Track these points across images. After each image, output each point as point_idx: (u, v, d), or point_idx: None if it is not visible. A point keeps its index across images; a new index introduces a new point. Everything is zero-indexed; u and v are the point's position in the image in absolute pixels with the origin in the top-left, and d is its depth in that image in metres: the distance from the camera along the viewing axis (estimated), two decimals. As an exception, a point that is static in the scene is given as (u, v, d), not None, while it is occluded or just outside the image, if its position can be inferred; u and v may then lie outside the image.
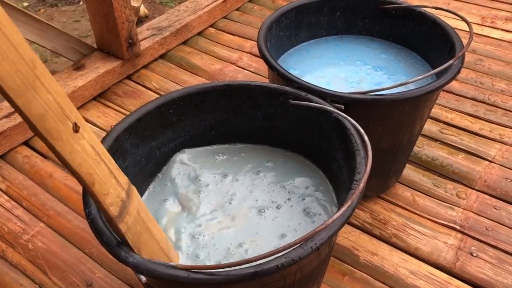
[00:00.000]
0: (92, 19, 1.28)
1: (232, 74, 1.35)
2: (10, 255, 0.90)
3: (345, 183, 0.63)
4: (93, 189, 0.44)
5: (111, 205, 0.46)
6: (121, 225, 0.48)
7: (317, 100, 0.67)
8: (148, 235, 0.52)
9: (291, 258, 0.48)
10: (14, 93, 0.35)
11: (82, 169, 0.42)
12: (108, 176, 0.46)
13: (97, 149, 0.44)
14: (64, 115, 0.39)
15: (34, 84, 0.36)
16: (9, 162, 1.09)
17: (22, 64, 0.35)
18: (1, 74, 0.33)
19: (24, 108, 0.36)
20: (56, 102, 0.38)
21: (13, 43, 0.34)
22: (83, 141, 0.42)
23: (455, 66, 0.77)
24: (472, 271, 0.85)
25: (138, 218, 0.51)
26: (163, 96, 0.69)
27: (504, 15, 1.55)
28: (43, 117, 0.37)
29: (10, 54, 0.34)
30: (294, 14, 0.92)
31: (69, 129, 0.40)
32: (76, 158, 0.41)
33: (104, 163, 0.45)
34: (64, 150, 0.40)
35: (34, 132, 0.38)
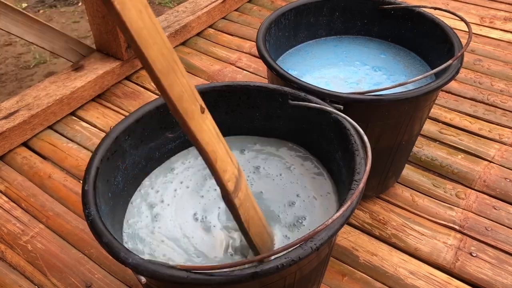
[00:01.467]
0: (91, 20, 1.28)
1: (231, 74, 1.35)
2: (9, 256, 0.89)
3: (345, 183, 0.63)
4: (216, 166, 0.47)
5: (229, 181, 0.49)
6: (235, 200, 0.51)
7: (316, 100, 0.67)
8: (254, 211, 0.56)
9: (291, 258, 0.48)
10: (161, 74, 0.39)
11: (209, 147, 0.46)
12: (225, 154, 0.50)
13: (216, 130, 0.48)
14: (194, 97, 0.44)
15: (174, 67, 0.40)
16: (8, 163, 1.09)
17: (166, 49, 0.39)
18: (152, 57, 0.37)
19: (169, 89, 0.40)
20: (189, 85, 0.43)
21: (159, 31, 0.38)
22: (207, 122, 0.46)
23: (454, 66, 0.77)
24: (471, 271, 0.85)
25: (247, 194, 0.54)
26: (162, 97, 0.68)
27: (503, 15, 1.56)
28: (181, 97, 0.41)
29: (158, 39, 0.38)
30: (293, 15, 0.92)
31: (198, 110, 0.44)
32: (204, 136, 0.45)
33: (222, 143, 0.49)
34: (196, 128, 0.44)
35: (173, 112, 0.42)
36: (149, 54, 0.37)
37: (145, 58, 0.37)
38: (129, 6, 0.35)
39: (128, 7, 0.34)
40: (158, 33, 0.38)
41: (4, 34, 2.14)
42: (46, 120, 1.16)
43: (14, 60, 2.03)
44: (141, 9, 0.36)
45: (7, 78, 1.92)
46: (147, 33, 0.37)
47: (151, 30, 0.37)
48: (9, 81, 1.91)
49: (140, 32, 0.36)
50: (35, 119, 1.13)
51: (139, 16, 0.36)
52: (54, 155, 1.11)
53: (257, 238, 0.57)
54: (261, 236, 0.58)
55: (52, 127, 1.18)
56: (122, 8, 0.34)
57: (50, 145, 1.13)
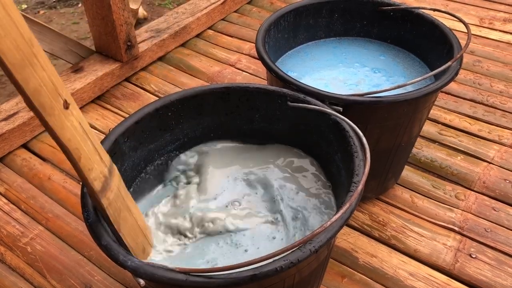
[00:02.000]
0: (90, 21, 1.28)
1: (230, 76, 1.35)
2: (9, 258, 0.89)
3: (344, 185, 0.63)
4: (79, 164, 0.46)
5: (95, 180, 0.49)
6: (103, 200, 0.50)
7: (316, 102, 0.67)
8: (127, 212, 0.55)
9: (289, 260, 0.48)
10: (14, 68, 0.37)
11: (71, 144, 0.45)
12: (93, 152, 0.48)
13: (84, 126, 0.47)
14: (56, 92, 0.42)
15: (32, 61, 0.39)
16: (7, 165, 1.09)
17: (22, 41, 0.37)
18: (3, 50, 0.36)
19: (23, 83, 0.38)
20: (50, 79, 0.41)
21: (14, 21, 0.36)
22: (72, 118, 0.44)
23: (453, 67, 0.77)
24: (471, 272, 0.85)
25: (119, 194, 0.53)
26: (161, 99, 0.69)
27: (502, 16, 1.56)
28: (39, 92, 0.40)
29: (12, 31, 0.36)
30: (292, 16, 0.92)
31: (60, 106, 0.43)
32: (66, 133, 0.44)
33: (90, 140, 0.48)
34: (56, 125, 0.42)
35: (29, 107, 0.40)
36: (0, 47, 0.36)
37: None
38: None
39: None
40: (13, 25, 0.36)
41: (4, 35, 2.14)
42: (46, 121, 1.16)
43: (14, 62, 2.03)
44: None
45: (6, 80, 1.92)
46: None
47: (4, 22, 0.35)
48: (9, 82, 1.91)
49: None
50: (35, 120, 1.13)
51: None
52: (54, 157, 1.11)
53: (129, 239, 0.55)
54: (135, 237, 0.57)
55: (52, 128, 1.18)
56: None
57: (49, 147, 1.13)
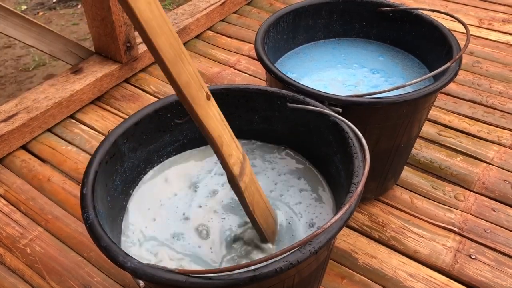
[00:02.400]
0: (90, 22, 1.28)
1: (230, 77, 1.35)
2: (8, 260, 0.89)
3: (343, 186, 0.63)
4: (222, 150, 0.50)
5: (234, 165, 0.52)
6: (241, 183, 0.53)
7: (315, 103, 0.67)
8: (258, 195, 0.58)
9: (289, 262, 0.48)
10: (169, 62, 0.41)
11: (215, 133, 0.49)
12: (230, 139, 0.52)
13: (221, 116, 0.50)
14: (200, 85, 0.46)
15: (181, 56, 0.43)
16: (7, 167, 1.09)
17: (173, 39, 0.41)
18: (161, 46, 0.40)
19: (177, 77, 0.42)
20: (195, 73, 0.45)
21: (166, 21, 0.40)
22: (213, 108, 0.49)
23: (452, 68, 0.77)
24: (470, 273, 0.85)
25: (252, 179, 0.56)
26: (161, 100, 0.69)
27: (501, 17, 1.56)
28: (189, 85, 0.44)
29: (166, 29, 0.40)
30: (291, 17, 0.92)
31: (204, 97, 0.47)
32: (211, 122, 0.48)
33: (227, 128, 0.51)
34: (203, 114, 0.47)
35: (181, 98, 0.45)
36: (158, 43, 0.40)
37: (154, 47, 0.40)
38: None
39: None
40: (165, 23, 0.40)
41: (4, 36, 2.14)
42: (45, 123, 1.16)
43: (14, 63, 2.03)
44: (150, 1, 0.38)
45: (6, 81, 1.92)
46: (156, 23, 0.39)
47: (159, 20, 0.39)
48: (9, 83, 1.91)
49: (149, 22, 0.38)
50: (34, 122, 1.13)
51: (148, 7, 0.38)
52: (53, 158, 1.11)
53: (262, 221, 0.58)
54: (266, 219, 0.60)
55: (51, 130, 1.18)
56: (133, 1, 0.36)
57: (49, 148, 1.13)
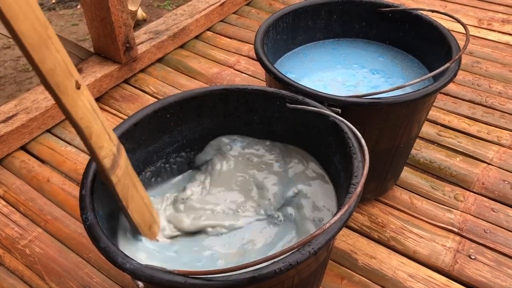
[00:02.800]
0: (89, 23, 1.28)
1: (229, 77, 1.35)
2: (8, 261, 0.89)
3: (343, 186, 0.63)
4: (90, 142, 0.48)
5: (105, 158, 0.51)
6: (112, 176, 0.52)
7: (314, 104, 0.67)
8: (134, 190, 0.57)
9: (288, 262, 0.48)
10: (32, 48, 0.39)
11: (83, 123, 0.47)
12: (102, 131, 0.50)
13: (93, 106, 0.48)
14: (69, 73, 0.44)
15: (47, 42, 0.41)
16: (6, 167, 1.09)
17: (38, 24, 0.40)
18: (23, 31, 0.38)
19: (39, 62, 0.41)
20: (63, 60, 0.43)
21: (31, 5, 0.39)
22: (83, 97, 0.46)
23: (452, 69, 0.77)
24: (470, 273, 0.85)
25: (127, 172, 0.55)
26: (160, 101, 0.69)
27: (501, 17, 1.56)
28: (54, 72, 0.42)
29: (30, 14, 0.39)
30: (291, 18, 0.92)
31: (73, 85, 0.45)
32: (78, 112, 0.46)
33: (99, 119, 0.49)
34: (69, 103, 0.45)
35: (45, 86, 0.43)
36: (19, 28, 0.38)
37: (14, 31, 0.38)
38: None
39: None
40: (30, 8, 0.39)
41: (3, 37, 2.14)
42: (45, 123, 1.16)
43: (13, 63, 2.03)
44: None
45: (6, 81, 1.92)
46: (17, 7, 0.38)
47: (21, 4, 0.38)
48: (8, 84, 1.91)
49: (9, 6, 0.37)
50: (34, 122, 1.13)
51: None
52: (53, 159, 1.11)
53: (136, 215, 0.58)
54: (142, 214, 0.59)
55: (51, 130, 1.18)
56: None
57: (48, 149, 1.13)
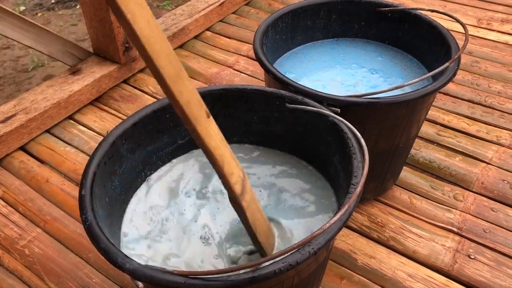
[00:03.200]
0: (88, 23, 1.28)
1: (229, 77, 1.35)
2: (7, 261, 0.89)
3: (343, 186, 0.62)
4: (224, 170, 0.48)
5: (235, 184, 0.50)
6: (243, 202, 0.52)
7: (313, 103, 0.67)
8: (259, 214, 0.56)
9: (288, 263, 0.48)
10: (171, 81, 0.40)
11: (217, 151, 0.47)
12: (231, 157, 0.50)
13: (220, 134, 0.49)
14: (200, 102, 0.45)
15: (180, 74, 0.41)
16: (5, 168, 1.09)
17: (172, 56, 0.40)
18: (162, 65, 0.39)
19: (178, 95, 0.41)
20: (194, 91, 0.44)
21: (165, 40, 0.39)
22: (213, 126, 0.47)
23: (451, 68, 0.77)
24: (470, 273, 0.85)
25: (253, 197, 0.55)
26: (159, 101, 0.68)
27: (500, 16, 1.56)
28: (189, 103, 0.43)
29: (165, 48, 0.39)
30: (290, 18, 0.92)
31: (204, 115, 0.45)
32: (211, 141, 0.47)
33: (227, 146, 0.49)
34: (204, 133, 0.45)
35: (182, 117, 0.43)
36: (159, 62, 0.39)
37: (156, 67, 0.39)
38: (139, 16, 0.36)
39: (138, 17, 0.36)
40: (165, 42, 0.39)
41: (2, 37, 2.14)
42: (44, 124, 1.16)
43: (12, 63, 2.03)
44: (148, 19, 0.37)
45: (5, 81, 1.92)
46: (156, 42, 0.38)
47: (158, 39, 0.38)
48: (7, 84, 1.91)
49: (149, 41, 0.37)
50: (33, 123, 1.13)
51: (147, 26, 0.37)
52: (52, 159, 1.11)
53: (263, 239, 0.57)
54: (267, 236, 0.59)
55: (50, 131, 1.18)
56: (132, 18, 0.35)
57: (47, 149, 1.13)
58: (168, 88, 0.40)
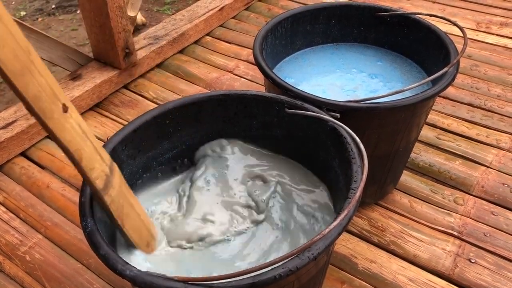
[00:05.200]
0: (88, 29, 1.28)
1: (229, 82, 1.35)
2: (8, 267, 0.89)
3: (342, 191, 0.63)
4: (81, 165, 0.48)
5: (97, 179, 0.50)
6: (106, 197, 0.52)
7: (313, 109, 0.68)
8: (130, 208, 0.57)
9: (288, 268, 0.48)
10: (14, 76, 0.39)
11: (72, 146, 0.47)
12: (93, 152, 0.50)
13: (83, 128, 0.48)
14: (55, 97, 0.44)
15: (30, 68, 0.40)
16: (6, 173, 1.09)
17: (19, 50, 0.39)
18: (3, 59, 0.37)
19: (23, 90, 0.40)
20: (48, 85, 0.43)
21: (11, 31, 0.38)
22: (71, 120, 0.46)
23: (450, 72, 0.77)
24: (470, 277, 0.85)
25: (121, 191, 0.55)
26: (159, 107, 0.69)
27: (499, 20, 1.56)
28: (38, 98, 0.42)
29: (10, 41, 0.38)
30: (289, 23, 0.93)
31: (59, 109, 0.44)
32: (66, 135, 0.46)
33: (89, 140, 0.49)
34: (56, 128, 0.44)
35: (30, 112, 0.42)
36: None
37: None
38: None
39: None
40: (10, 35, 0.38)
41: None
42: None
43: (13, 69, 2.03)
44: None
45: (5, 87, 1.92)
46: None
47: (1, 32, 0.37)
48: (8, 89, 1.91)
49: None
50: (33, 128, 1.13)
51: None
52: (53, 165, 1.11)
53: (133, 234, 0.58)
54: (139, 231, 0.59)
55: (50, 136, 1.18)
56: None
57: (48, 155, 1.13)
58: (10, 82, 0.39)
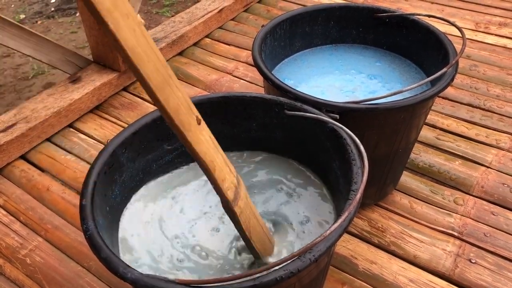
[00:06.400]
0: (87, 32, 1.28)
1: (228, 84, 1.35)
2: (8, 270, 0.89)
3: (342, 192, 0.63)
4: (214, 175, 0.49)
5: (228, 190, 0.51)
6: (236, 208, 0.52)
7: (312, 110, 0.68)
8: (255, 220, 0.57)
9: (289, 270, 0.48)
10: (157, 89, 0.40)
11: (207, 157, 0.48)
12: (223, 163, 0.51)
13: (213, 140, 0.49)
14: (190, 109, 0.45)
15: (169, 81, 0.42)
16: (6, 177, 1.09)
17: (160, 64, 0.41)
18: (148, 73, 0.39)
19: (165, 102, 0.41)
20: (184, 98, 0.44)
21: (153, 48, 0.40)
22: (204, 132, 0.48)
23: (449, 73, 0.77)
24: (471, 277, 0.85)
25: (247, 202, 0.55)
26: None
27: (498, 20, 1.56)
28: (177, 110, 0.43)
29: (152, 56, 0.40)
30: (288, 24, 0.93)
31: (195, 122, 0.46)
32: (202, 147, 0.47)
33: (219, 152, 0.50)
34: (193, 140, 0.46)
35: (170, 124, 0.44)
36: (144, 71, 0.39)
37: (141, 75, 0.39)
38: (123, 25, 0.36)
39: (122, 26, 0.36)
40: (151, 50, 0.39)
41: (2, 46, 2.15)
42: (44, 132, 1.16)
43: (13, 72, 2.03)
44: (134, 28, 0.37)
45: (5, 90, 1.93)
46: (141, 51, 0.38)
47: (145, 47, 0.38)
48: (8, 92, 1.91)
49: (134, 50, 0.37)
50: (33, 131, 1.14)
51: (132, 35, 0.37)
52: (52, 168, 1.11)
53: (258, 245, 0.58)
54: (263, 243, 0.59)
55: (50, 139, 1.18)
56: (116, 27, 0.35)
57: (48, 158, 1.13)
58: (154, 96, 0.41)
